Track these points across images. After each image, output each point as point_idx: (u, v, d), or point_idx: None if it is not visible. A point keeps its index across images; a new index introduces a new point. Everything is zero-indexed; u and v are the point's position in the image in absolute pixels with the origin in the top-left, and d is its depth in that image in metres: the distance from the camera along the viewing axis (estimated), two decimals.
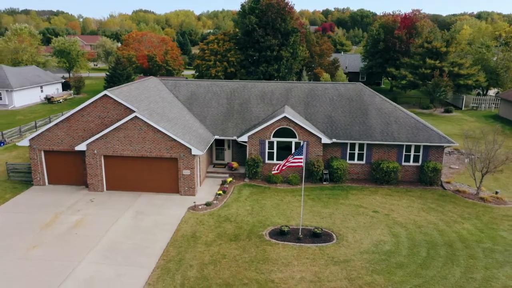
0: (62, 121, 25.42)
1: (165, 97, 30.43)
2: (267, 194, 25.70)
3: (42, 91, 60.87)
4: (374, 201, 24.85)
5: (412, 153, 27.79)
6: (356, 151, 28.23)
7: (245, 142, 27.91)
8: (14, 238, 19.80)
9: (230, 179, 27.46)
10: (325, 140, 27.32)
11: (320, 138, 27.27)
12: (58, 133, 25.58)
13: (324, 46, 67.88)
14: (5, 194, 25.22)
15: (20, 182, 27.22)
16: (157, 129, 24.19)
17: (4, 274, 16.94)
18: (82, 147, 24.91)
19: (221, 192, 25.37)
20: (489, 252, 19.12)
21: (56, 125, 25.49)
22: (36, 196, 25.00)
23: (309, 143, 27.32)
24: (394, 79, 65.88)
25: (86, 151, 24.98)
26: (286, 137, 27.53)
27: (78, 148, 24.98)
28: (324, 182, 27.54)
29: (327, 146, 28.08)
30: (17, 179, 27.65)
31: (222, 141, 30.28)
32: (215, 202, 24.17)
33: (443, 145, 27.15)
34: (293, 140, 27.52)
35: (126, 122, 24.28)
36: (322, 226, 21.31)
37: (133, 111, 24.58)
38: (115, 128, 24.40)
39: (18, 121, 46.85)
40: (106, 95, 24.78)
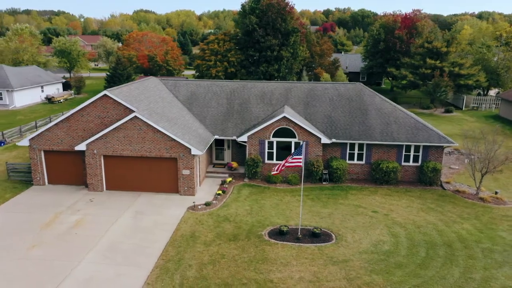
0: (62, 121, 25.46)
1: (165, 97, 30.47)
2: (267, 194, 25.72)
3: (42, 91, 60.96)
4: (373, 201, 24.86)
5: (411, 153, 27.78)
6: (355, 151, 28.24)
7: (244, 142, 27.93)
8: (14, 238, 19.84)
9: (229, 179, 27.48)
10: (324, 140, 27.33)
11: (319, 138, 27.28)
12: (58, 133, 25.63)
13: (324, 46, 67.88)
14: (5, 193, 25.28)
15: (20, 182, 27.28)
16: (156, 129, 24.23)
17: (3, 273, 16.98)
18: (82, 147, 24.96)
19: (220, 192, 25.40)
20: (488, 252, 19.11)
21: (56, 125, 25.54)
22: (36, 196, 25.05)
23: (308, 143, 27.33)
24: (395, 79, 65.85)
25: (86, 151, 25.03)
26: (285, 137, 27.55)
27: (78, 148, 25.03)
28: (323, 182, 27.55)
29: (327, 146, 28.09)
30: (17, 179, 27.71)
31: (222, 141, 30.31)
32: (215, 202, 24.19)
33: (443, 145, 27.15)
34: (292, 140, 27.54)
35: (125, 122, 24.32)
36: (321, 226, 21.33)
37: (132, 111, 24.61)
38: (115, 128, 24.44)
39: (19, 121, 46.92)
40: (105, 95, 24.81)
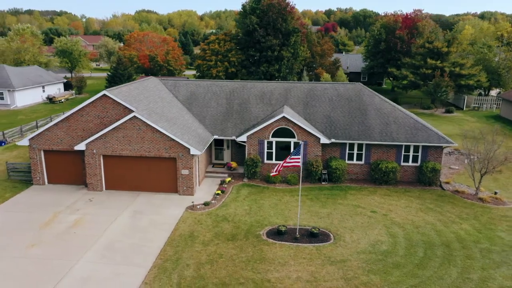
0: (61, 120, 25.54)
1: (164, 97, 30.52)
2: (266, 194, 25.74)
3: (44, 91, 61.11)
4: (372, 201, 24.85)
5: (411, 153, 27.76)
6: (355, 151, 28.23)
7: (244, 142, 27.96)
8: (13, 237, 19.92)
9: (229, 179, 27.51)
10: (324, 140, 27.33)
11: (319, 138, 27.28)
12: (58, 132, 25.71)
13: (325, 46, 67.88)
14: (5, 193, 25.37)
15: (20, 182, 27.37)
16: (155, 128, 24.27)
17: (2, 272, 17.05)
18: (81, 147, 25.03)
19: (219, 192, 25.43)
20: (486, 252, 19.09)
21: (55, 124, 25.63)
22: (35, 195, 25.14)
23: (307, 143, 27.34)
24: (395, 79, 65.79)
25: (85, 151, 25.10)
26: (285, 137, 27.57)
27: (77, 147, 25.09)
28: (322, 182, 27.55)
29: (326, 146, 28.09)
30: (17, 179, 27.81)
31: (221, 141, 30.34)
32: (214, 202, 24.22)
33: (442, 145, 27.12)
34: (292, 140, 27.55)
35: (125, 122, 24.38)
36: (319, 226, 21.34)
37: (132, 111, 24.67)
38: (114, 128, 24.50)
39: (20, 120, 47.07)
40: (105, 95, 24.87)
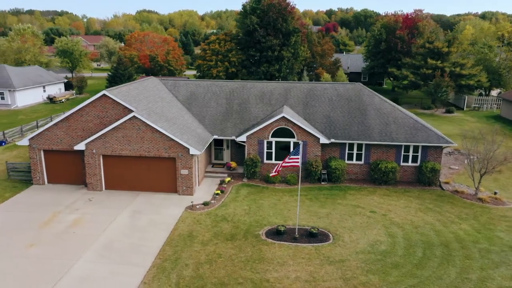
0: (61, 120, 25.58)
1: (164, 97, 30.55)
2: (265, 194, 25.76)
3: (44, 91, 61.20)
4: (371, 201, 24.85)
5: (410, 153, 27.75)
6: (354, 151, 28.23)
7: (243, 142, 27.97)
8: (13, 237, 19.96)
9: (228, 179, 27.53)
10: (323, 140, 27.34)
11: (318, 138, 27.29)
12: (58, 132, 25.75)
13: (325, 46, 67.88)
14: (4, 193, 25.42)
15: (20, 181, 27.42)
16: (155, 128, 24.30)
17: (2, 272, 17.08)
18: (81, 147, 25.06)
19: (219, 191, 25.45)
20: (485, 252, 19.09)
21: (55, 124, 25.67)
22: (35, 195, 25.19)
23: (307, 143, 27.35)
24: (396, 80, 65.76)
25: (85, 151, 25.14)
26: (284, 137, 27.58)
27: (77, 147, 25.13)
28: (322, 182, 27.55)
29: (326, 146, 28.10)
30: (17, 178, 27.86)
31: (221, 141, 30.36)
32: (213, 202, 24.24)
33: (442, 145, 27.11)
34: (291, 140, 27.56)
35: (124, 122, 24.41)
36: (318, 226, 21.35)
37: (131, 111, 24.70)
38: (114, 127, 24.53)
39: (20, 120, 47.15)
40: (104, 95, 24.91)
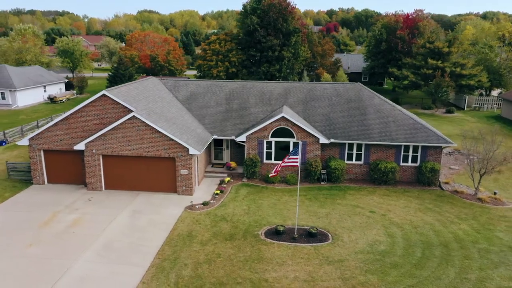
0: (61, 120, 25.62)
1: (164, 97, 30.58)
2: (265, 194, 25.77)
3: (45, 91, 61.31)
4: (371, 201, 24.84)
5: (410, 153, 27.74)
6: (354, 151, 28.23)
7: (243, 142, 27.99)
8: (13, 236, 20.00)
9: (228, 179, 27.55)
10: (323, 140, 27.34)
11: (318, 138, 27.29)
12: (58, 132, 25.79)
13: (326, 46, 67.88)
14: (4, 192, 25.47)
15: (20, 181, 27.47)
16: (155, 128, 24.33)
17: (2, 272, 17.11)
18: (81, 147, 25.10)
19: (218, 191, 25.46)
20: (484, 252, 19.07)
21: (55, 124, 25.71)
22: (35, 195, 25.23)
23: (307, 143, 27.35)
24: (396, 80, 65.71)
25: (85, 151, 25.17)
26: (284, 137, 27.58)
27: (77, 147, 25.17)
28: (322, 182, 27.56)
29: (325, 146, 28.10)
30: (17, 178, 27.91)
31: (221, 141, 30.38)
32: (212, 202, 24.26)
33: (441, 145, 27.09)
34: (291, 140, 27.57)
35: (124, 122, 24.44)
36: (318, 226, 21.35)
37: (131, 111, 24.73)
38: (114, 127, 24.57)
39: (21, 120, 47.23)
40: (104, 95, 24.94)
